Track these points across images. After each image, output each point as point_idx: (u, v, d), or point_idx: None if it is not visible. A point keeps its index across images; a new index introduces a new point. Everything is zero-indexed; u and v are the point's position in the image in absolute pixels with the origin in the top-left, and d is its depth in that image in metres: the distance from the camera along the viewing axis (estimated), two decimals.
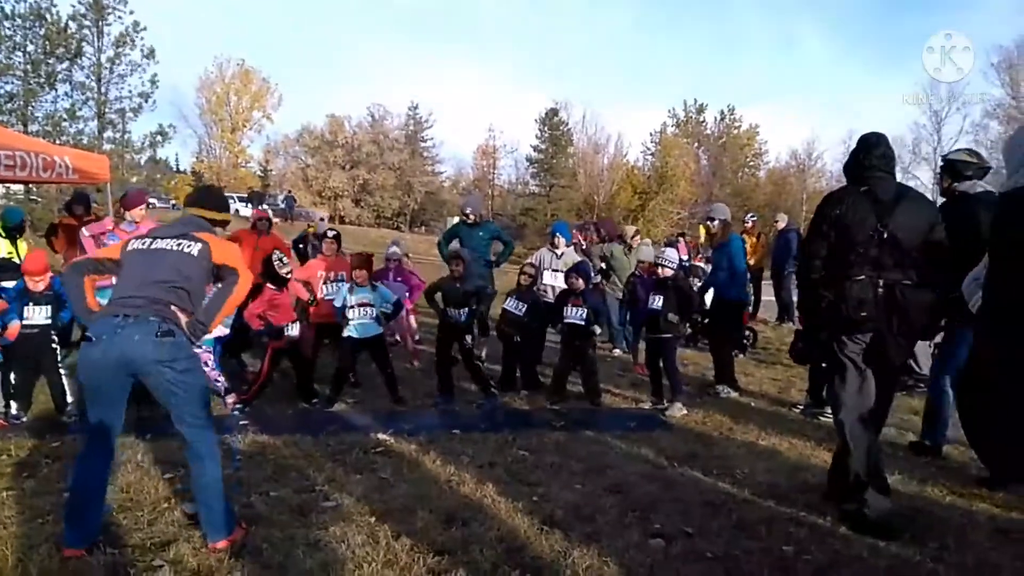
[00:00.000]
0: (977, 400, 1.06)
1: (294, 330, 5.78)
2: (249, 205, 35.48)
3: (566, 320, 6.27)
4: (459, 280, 6.19)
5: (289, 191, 43.66)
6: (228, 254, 3.24)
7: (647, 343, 6.51)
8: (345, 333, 5.99)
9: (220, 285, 3.22)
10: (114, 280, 3.27)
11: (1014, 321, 0.83)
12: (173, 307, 3.02)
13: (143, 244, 3.15)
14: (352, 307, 5.94)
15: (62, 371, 5.20)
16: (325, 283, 6.50)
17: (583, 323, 6.19)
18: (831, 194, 3.79)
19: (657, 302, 6.10)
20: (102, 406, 3.03)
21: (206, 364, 5.67)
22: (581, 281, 6.32)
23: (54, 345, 5.23)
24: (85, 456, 3.07)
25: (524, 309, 6.52)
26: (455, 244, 7.83)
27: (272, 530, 3.30)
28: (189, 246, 3.11)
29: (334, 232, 7.31)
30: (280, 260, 5.83)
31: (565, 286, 6.61)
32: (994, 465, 1.20)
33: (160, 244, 3.12)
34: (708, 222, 7.64)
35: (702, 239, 11.48)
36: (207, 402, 3.21)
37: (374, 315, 5.98)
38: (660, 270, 6.18)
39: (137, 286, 3.02)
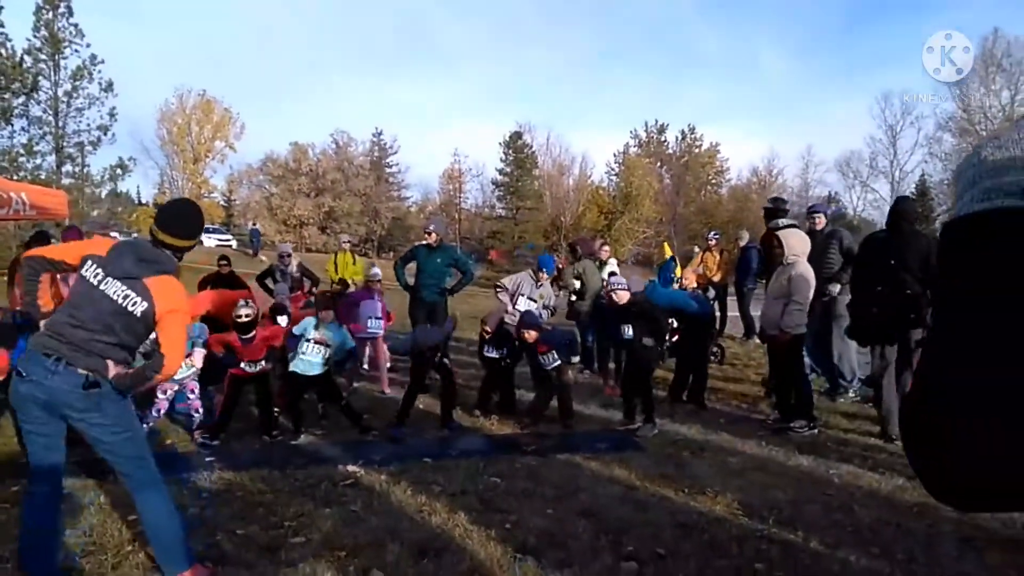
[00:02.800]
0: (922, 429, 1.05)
1: (256, 367, 5.72)
2: None
3: (545, 368, 6.34)
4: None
5: (254, 222, 42.86)
6: (167, 326, 3.03)
7: (625, 367, 6.52)
8: (290, 368, 5.94)
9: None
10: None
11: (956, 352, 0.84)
12: (108, 360, 2.92)
13: (94, 277, 2.98)
14: (309, 340, 5.87)
15: None
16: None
17: (558, 363, 6.27)
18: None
19: (628, 331, 6.13)
20: (39, 443, 2.94)
21: (192, 392, 5.55)
22: (533, 332, 6.27)
23: None
24: (31, 495, 3.00)
25: (504, 352, 6.63)
26: (412, 266, 7.76)
27: (240, 570, 3.24)
28: (135, 303, 2.94)
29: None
30: (245, 303, 5.77)
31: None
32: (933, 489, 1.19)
33: (108, 288, 2.96)
34: None
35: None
36: (140, 439, 3.12)
37: (325, 355, 5.90)
38: (615, 295, 6.20)
39: (79, 323, 2.91)
